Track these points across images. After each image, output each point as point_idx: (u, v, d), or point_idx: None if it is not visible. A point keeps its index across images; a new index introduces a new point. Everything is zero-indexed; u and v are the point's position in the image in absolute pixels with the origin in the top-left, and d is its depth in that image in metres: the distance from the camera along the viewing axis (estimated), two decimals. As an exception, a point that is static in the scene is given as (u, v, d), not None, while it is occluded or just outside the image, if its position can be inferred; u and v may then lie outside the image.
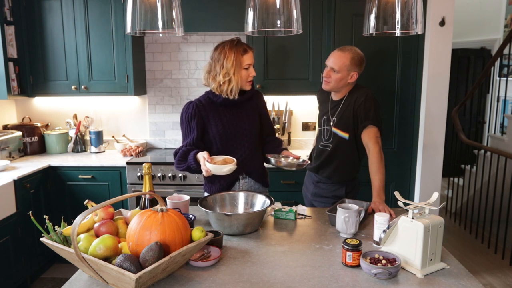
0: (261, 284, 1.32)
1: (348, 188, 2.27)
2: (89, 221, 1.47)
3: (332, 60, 2.13)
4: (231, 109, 2.04)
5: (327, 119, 2.27)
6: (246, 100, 2.06)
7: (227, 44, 1.95)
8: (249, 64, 1.98)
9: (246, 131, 2.05)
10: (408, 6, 1.69)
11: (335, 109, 2.24)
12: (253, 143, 2.08)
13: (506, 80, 4.58)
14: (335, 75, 2.12)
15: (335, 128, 2.21)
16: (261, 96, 2.19)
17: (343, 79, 2.13)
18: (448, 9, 3.09)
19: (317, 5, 3.11)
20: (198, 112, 1.99)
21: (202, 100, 2.03)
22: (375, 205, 1.92)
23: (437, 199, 1.59)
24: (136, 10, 1.61)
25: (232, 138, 2.03)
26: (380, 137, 2.11)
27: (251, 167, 2.08)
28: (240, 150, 2.05)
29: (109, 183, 3.17)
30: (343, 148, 2.21)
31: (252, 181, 2.12)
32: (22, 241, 2.84)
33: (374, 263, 1.37)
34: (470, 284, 1.32)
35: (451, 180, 4.73)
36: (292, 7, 1.61)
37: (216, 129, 2.00)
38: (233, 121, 2.03)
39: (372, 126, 2.09)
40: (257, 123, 2.12)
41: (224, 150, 2.03)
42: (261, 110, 2.16)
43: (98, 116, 3.73)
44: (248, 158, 2.06)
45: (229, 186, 2.09)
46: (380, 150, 2.06)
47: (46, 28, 3.29)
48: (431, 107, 3.20)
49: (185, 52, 3.61)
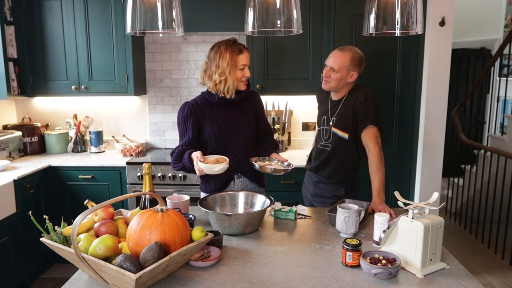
0: (261, 284, 1.32)
1: (348, 188, 2.27)
2: (89, 221, 1.47)
3: (332, 59, 2.13)
4: (226, 109, 2.05)
5: (326, 119, 2.27)
6: (242, 100, 2.07)
7: (223, 43, 1.98)
8: (244, 64, 1.99)
9: (241, 131, 2.06)
10: (408, 6, 1.69)
11: (334, 108, 2.24)
12: (248, 143, 2.09)
13: (506, 80, 4.59)
14: (335, 74, 2.12)
15: (335, 128, 2.20)
16: (257, 96, 2.20)
17: (343, 79, 2.13)
18: (448, 9, 3.09)
19: (317, 5, 3.10)
20: (194, 112, 2.02)
21: (198, 101, 2.05)
22: (375, 205, 1.92)
23: (437, 199, 1.59)
24: (136, 10, 1.61)
25: (227, 138, 2.04)
26: (380, 137, 2.11)
27: (245, 167, 2.08)
28: (235, 150, 2.06)
29: (109, 183, 3.17)
30: (343, 148, 2.21)
31: (248, 181, 2.13)
32: (22, 241, 2.84)
33: (374, 263, 1.37)
34: (470, 284, 1.32)
35: (451, 180, 4.73)
36: (292, 7, 1.61)
37: (211, 129, 2.02)
38: (228, 121, 2.04)
39: (372, 126, 2.09)
40: (253, 123, 2.12)
41: (219, 150, 2.04)
42: (257, 110, 2.16)
43: (98, 116, 3.73)
44: (243, 158, 2.06)
45: (224, 185, 2.09)
46: (380, 150, 2.06)
47: (46, 28, 3.29)
48: (431, 107, 3.20)
49: (185, 52, 3.61)
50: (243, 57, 1.98)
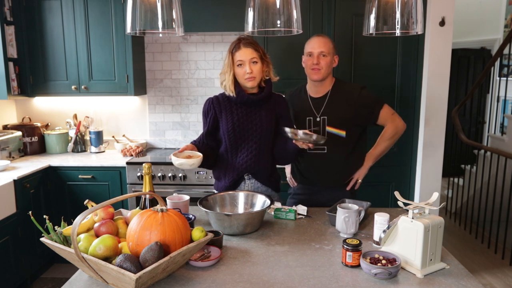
0: (261, 284, 1.32)
1: (352, 188, 2.21)
2: (89, 221, 1.47)
3: (318, 44, 2.10)
4: (245, 108, 2.03)
5: (313, 120, 2.15)
6: (260, 100, 2.03)
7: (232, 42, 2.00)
8: (240, 60, 1.94)
9: (255, 131, 2.02)
10: (408, 6, 1.68)
11: (319, 106, 2.14)
12: (261, 144, 2.04)
13: (506, 80, 4.59)
14: (324, 59, 2.08)
15: (329, 127, 2.10)
16: (282, 99, 2.13)
17: (331, 64, 2.12)
18: (448, 9, 3.09)
19: (317, 5, 3.10)
20: (213, 107, 2.05)
21: (219, 96, 2.08)
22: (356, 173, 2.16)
23: (437, 199, 1.59)
24: (136, 10, 1.61)
25: (241, 137, 2.03)
26: (391, 108, 2.15)
27: (256, 168, 2.05)
28: (247, 150, 2.04)
29: (109, 183, 3.17)
30: (339, 147, 2.12)
31: (258, 183, 2.09)
32: (22, 241, 2.84)
33: (374, 263, 1.37)
34: (470, 284, 1.32)
35: (451, 180, 4.73)
36: (292, 7, 1.61)
37: (226, 126, 2.02)
38: (244, 120, 2.02)
39: (381, 109, 2.11)
40: (271, 125, 2.05)
41: (231, 148, 2.04)
42: (279, 114, 2.08)
43: (98, 116, 3.73)
44: (254, 159, 2.04)
45: (234, 184, 2.08)
46: (396, 127, 2.14)
47: (46, 28, 3.29)
48: (431, 107, 3.20)
49: (185, 52, 3.61)
50: (239, 53, 1.94)
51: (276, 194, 2.18)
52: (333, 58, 2.13)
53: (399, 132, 2.18)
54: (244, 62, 1.95)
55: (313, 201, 2.18)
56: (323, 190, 2.21)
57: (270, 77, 2.06)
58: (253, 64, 1.95)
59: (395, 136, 2.17)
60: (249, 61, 1.94)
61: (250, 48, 1.95)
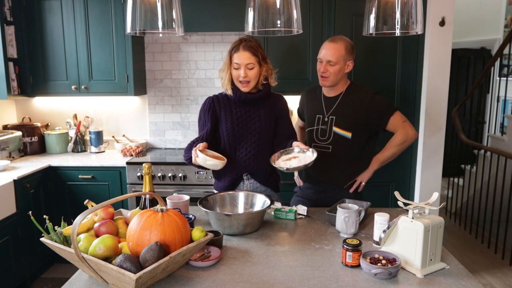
0: (261, 284, 1.32)
1: (355, 190, 2.20)
2: (89, 221, 1.47)
3: (326, 52, 2.05)
4: (244, 107, 2.04)
5: (322, 118, 2.17)
6: (258, 99, 2.03)
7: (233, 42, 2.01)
8: (237, 63, 1.94)
9: (254, 130, 2.03)
10: (408, 6, 1.68)
11: (330, 106, 2.14)
12: (260, 144, 2.05)
13: (506, 80, 4.59)
14: (332, 68, 2.04)
15: (336, 127, 2.11)
16: (281, 99, 2.13)
17: (341, 70, 2.06)
18: (448, 9, 3.09)
19: (317, 5, 3.10)
20: (213, 105, 2.05)
21: (219, 95, 2.09)
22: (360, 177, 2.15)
23: (437, 199, 1.59)
24: (136, 10, 1.61)
25: (239, 136, 2.03)
26: (403, 116, 2.14)
27: (254, 168, 2.06)
28: (245, 149, 2.04)
29: (109, 183, 3.17)
30: (344, 148, 2.12)
31: (257, 183, 2.10)
32: (22, 241, 2.84)
33: (374, 263, 1.37)
34: (470, 284, 1.32)
35: (451, 180, 4.73)
36: (292, 7, 1.61)
37: (225, 125, 2.02)
38: (242, 119, 2.03)
39: (391, 116, 2.09)
40: (270, 124, 2.06)
41: (230, 147, 2.04)
42: (279, 113, 2.09)
43: (98, 116, 3.73)
44: (252, 159, 2.05)
45: (233, 184, 2.09)
46: (404, 134, 2.11)
47: (46, 28, 3.29)
48: (431, 107, 3.20)
49: (185, 52, 3.61)
50: (237, 56, 1.94)
51: (275, 194, 2.18)
52: (345, 64, 2.06)
53: (409, 140, 2.13)
54: (240, 66, 1.94)
55: (318, 201, 2.19)
56: (328, 190, 2.19)
57: (269, 82, 2.06)
58: (249, 69, 1.94)
59: (404, 143, 2.13)
60: (245, 66, 1.94)
61: (249, 52, 1.93)
